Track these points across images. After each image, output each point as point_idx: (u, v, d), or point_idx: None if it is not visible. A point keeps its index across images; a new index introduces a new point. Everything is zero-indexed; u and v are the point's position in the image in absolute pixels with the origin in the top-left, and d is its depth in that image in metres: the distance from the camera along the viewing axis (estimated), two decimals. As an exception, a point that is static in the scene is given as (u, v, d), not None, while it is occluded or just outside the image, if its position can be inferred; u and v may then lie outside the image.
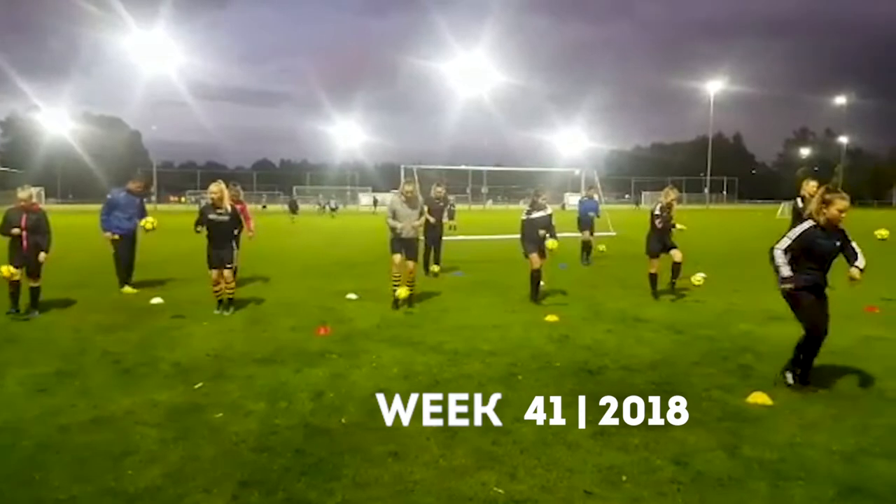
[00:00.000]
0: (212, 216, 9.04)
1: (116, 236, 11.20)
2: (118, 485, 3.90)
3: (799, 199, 10.67)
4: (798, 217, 10.07)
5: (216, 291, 9.25)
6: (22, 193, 8.77)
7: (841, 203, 5.50)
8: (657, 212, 10.35)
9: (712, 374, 6.26)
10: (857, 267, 5.61)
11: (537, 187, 10.49)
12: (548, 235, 10.00)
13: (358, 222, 40.49)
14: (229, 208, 9.15)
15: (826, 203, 5.53)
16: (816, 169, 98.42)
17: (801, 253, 5.57)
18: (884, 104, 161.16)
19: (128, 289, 11.13)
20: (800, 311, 5.64)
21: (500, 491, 3.82)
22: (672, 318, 8.96)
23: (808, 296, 5.58)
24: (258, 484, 3.90)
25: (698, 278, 10.15)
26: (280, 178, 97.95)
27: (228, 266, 9.18)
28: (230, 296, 9.32)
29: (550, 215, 10.13)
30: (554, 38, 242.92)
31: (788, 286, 5.49)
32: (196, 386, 5.81)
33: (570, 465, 4.18)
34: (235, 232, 9.46)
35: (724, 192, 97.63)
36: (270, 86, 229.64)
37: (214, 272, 9.12)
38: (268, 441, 4.56)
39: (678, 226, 10.59)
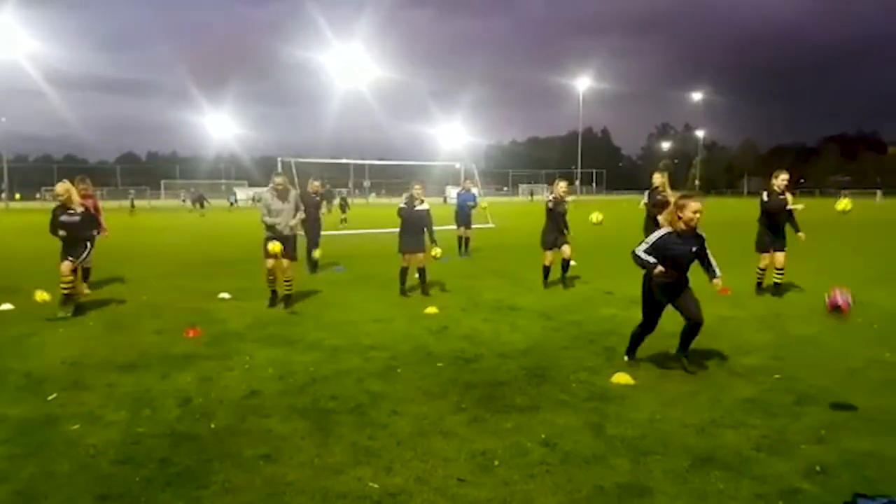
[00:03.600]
0: (63, 217, 8.62)
1: None
2: (-41, 510, 3.58)
3: (647, 193, 11.35)
4: (651, 207, 10.85)
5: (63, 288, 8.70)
6: None
7: (694, 205, 5.64)
8: (549, 198, 10.90)
9: (580, 357, 6.54)
10: (717, 278, 5.92)
11: (414, 181, 10.55)
12: (432, 242, 10.20)
13: (243, 217, 39.09)
14: (79, 208, 8.74)
15: (680, 208, 5.69)
16: (676, 161, 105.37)
17: (657, 257, 5.70)
18: (735, 100, 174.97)
19: None
20: (647, 304, 5.97)
21: (375, 486, 3.81)
22: (544, 305, 9.29)
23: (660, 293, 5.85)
24: (118, 497, 3.68)
25: (597, 217, 10.81)
26: (147, 171, 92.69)
27: (71, 259, 8.65)
28: (67, 292, 8.73)
29: (428, 210, 10.27)
30: (435, 31, 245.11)
31: (660, 270, 5.62)
32: (50, 397, 5.41)
33: (445, 454, 4.23)
34: (95, 233, 9.05)
35: (594, 184, 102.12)
36: (136, 74, 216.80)
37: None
38: (129, 452, 4.31)
39: (567, 199, 11.05)
